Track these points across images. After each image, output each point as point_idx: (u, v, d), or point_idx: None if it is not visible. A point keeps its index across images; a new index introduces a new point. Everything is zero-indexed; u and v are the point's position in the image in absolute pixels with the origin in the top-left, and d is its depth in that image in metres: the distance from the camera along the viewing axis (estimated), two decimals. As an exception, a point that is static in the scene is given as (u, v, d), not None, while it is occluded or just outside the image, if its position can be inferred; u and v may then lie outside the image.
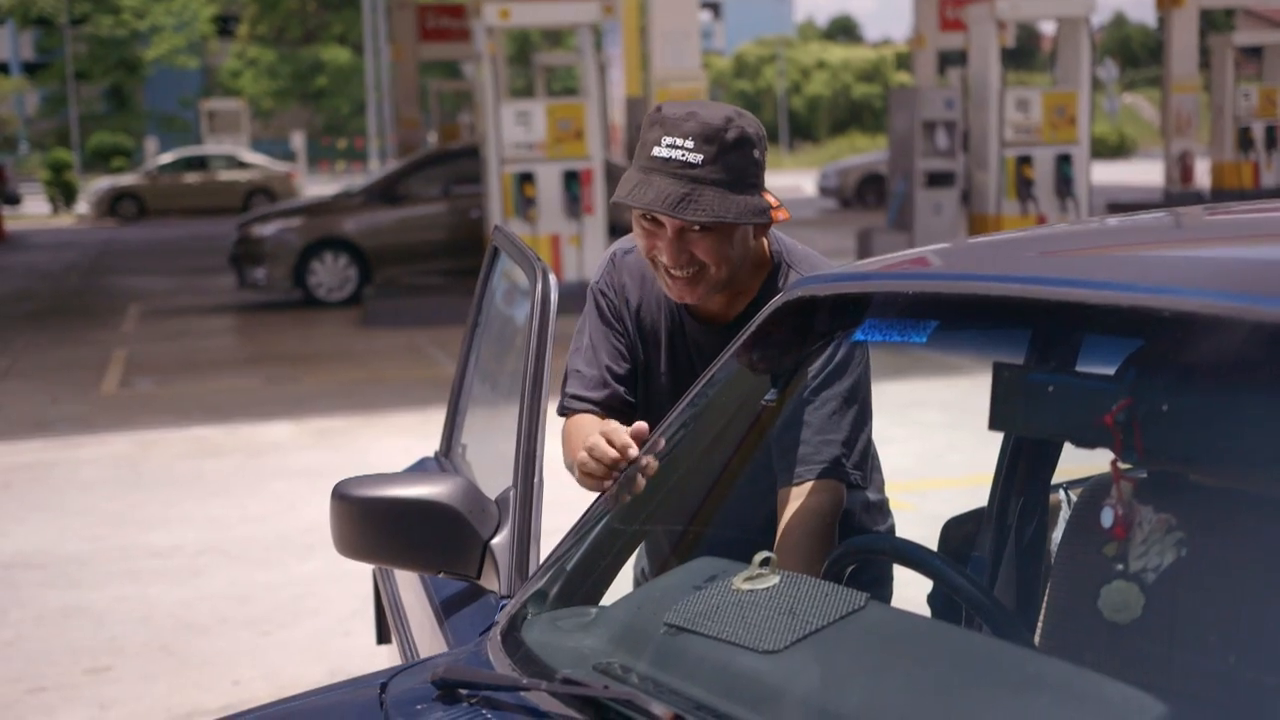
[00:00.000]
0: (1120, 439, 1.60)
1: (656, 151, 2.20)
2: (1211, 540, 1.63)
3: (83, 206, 31.20)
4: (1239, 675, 1.53)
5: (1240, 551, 1.60)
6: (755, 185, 2.23)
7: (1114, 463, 1.62)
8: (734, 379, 2.15)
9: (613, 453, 2.06)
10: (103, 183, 31.35)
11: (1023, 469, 2.29)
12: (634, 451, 2.05)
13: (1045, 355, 1.95)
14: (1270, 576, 1.57)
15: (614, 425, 2.14)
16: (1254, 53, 21.71)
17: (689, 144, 2.18)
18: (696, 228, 2.22)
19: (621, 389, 2.43)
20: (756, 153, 2.23)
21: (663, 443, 2.08)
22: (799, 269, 2.38)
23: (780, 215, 2.28)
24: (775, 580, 1.75)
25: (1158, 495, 1.68)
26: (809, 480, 2.20)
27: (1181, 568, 1.60)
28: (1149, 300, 1.61)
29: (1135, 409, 1.60)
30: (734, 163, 2.19)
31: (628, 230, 2.50)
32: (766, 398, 2.21)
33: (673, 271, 2.27)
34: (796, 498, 2.19)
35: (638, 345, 2.46)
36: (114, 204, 29.37)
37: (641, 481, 2.05)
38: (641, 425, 2.08)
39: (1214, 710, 1.45)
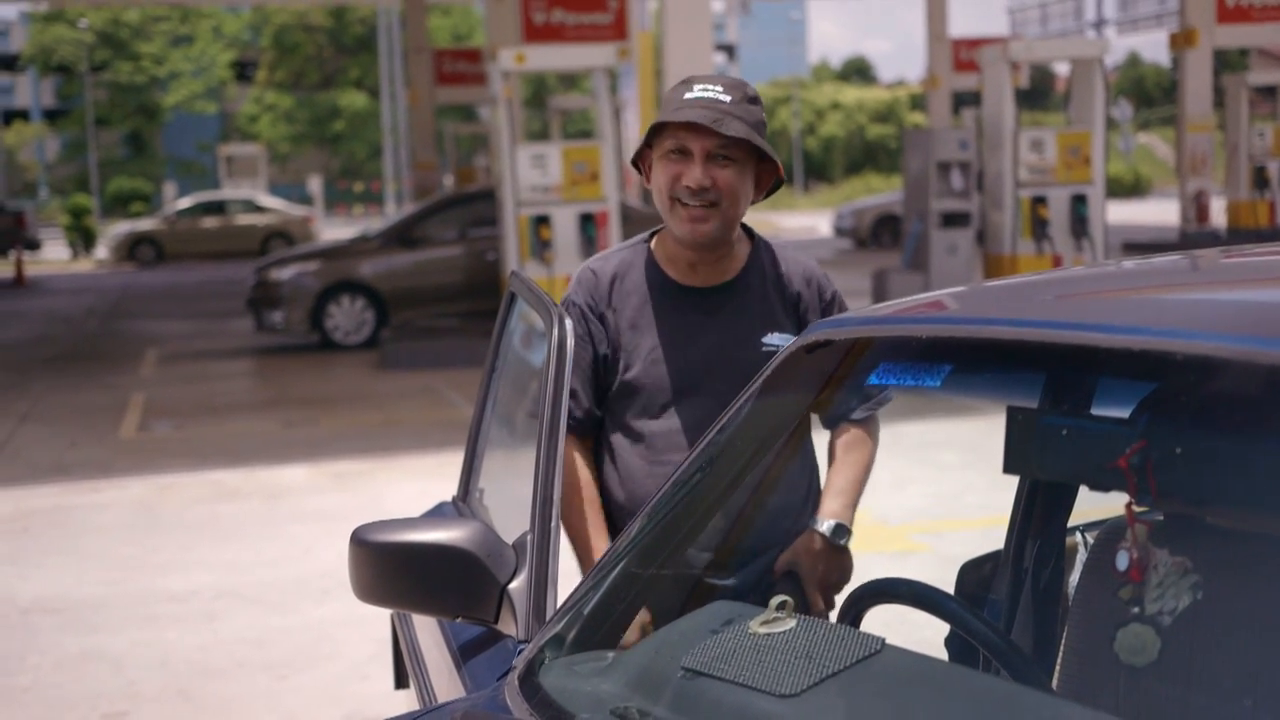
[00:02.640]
0: (1134, 482, 1.60)
1: (688, 95, 2.49)
2: (1227, 583, 1.63)
3: (102, 251, 31.41)
4: (1256, 719, 1.52)
5: (1256, 594, 1.60)
6: (764, 141, 2.52)
7: (1129, 505, 1.63)
8: (749, 420, 2.15)
9: None
10: (121, 227, 31.59)
11: (1039, 512, 2.29)
12: None
13: (1060, 399, 1.96)
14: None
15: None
16: (1268, 92, 21.75)
17: (718, 88, 2.50)
18: (722, 159, 2.47)
19: (580, 412, 2.66)
20: (764, 119, 2.55)
21: (681, 482, 2.10)
22: (773, 251, 2.70)
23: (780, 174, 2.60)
24: (792, 624, 1.75)
25: (1173, 538, 1.68)
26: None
27: (1197, 611, 1.60)
28: (1162, 344, 1.62)
29: (1149, 452, 1.61)
30: (754, 112, 2.51)
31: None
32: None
33: (692, 202, 2.49)
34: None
35: (622, 335, 2.64)
36: (133, 248, 29.58)
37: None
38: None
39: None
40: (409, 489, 7.56)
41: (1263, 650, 1.57)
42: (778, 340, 2.58)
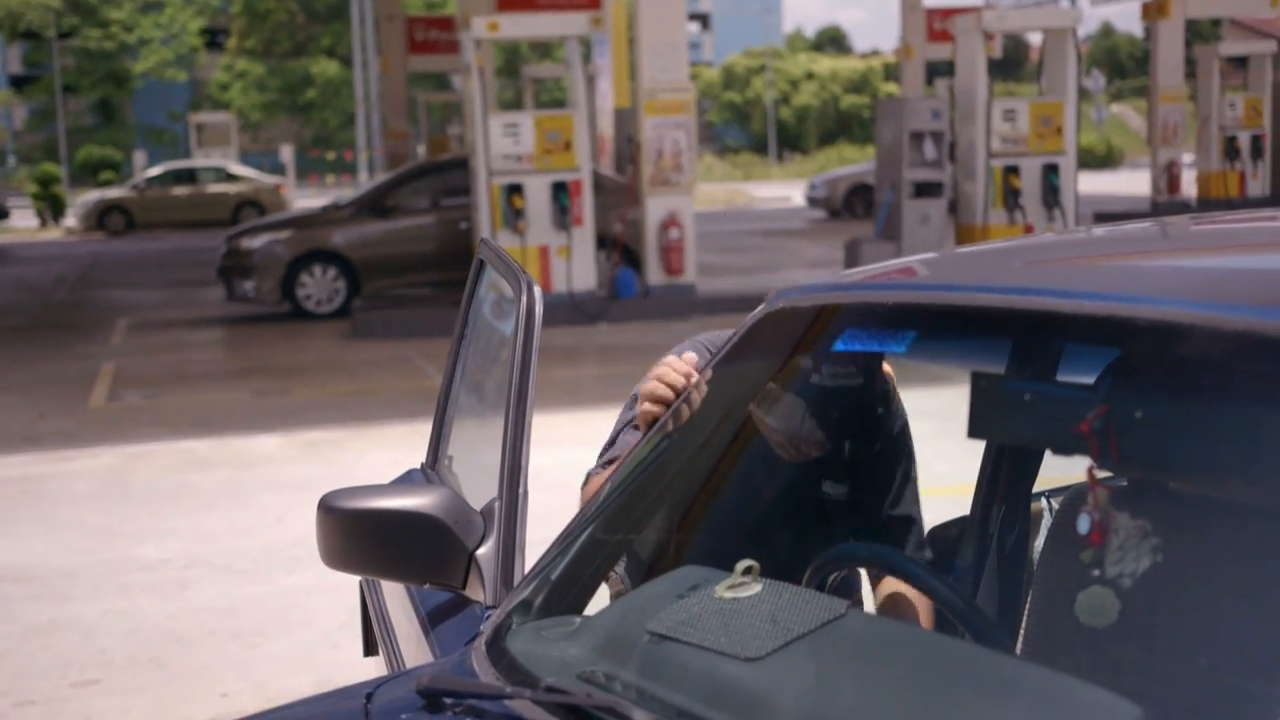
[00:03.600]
0: (1096, 446, 1.61)
1: None
2: (1187, 546, 1.64)
3: (71, 220, 31.15)
4: (1213, 678, 1.54)
5: (1215, 557, 1.62)
6: None
7: (1090, 470, 1.64)
8: (715, 389, 2.16)
9: (679, 379, 2.25)
10: (91, 196, 31.31)
11: (1004, 477, 2.31)
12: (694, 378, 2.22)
13: (1026, 365, 1.97)
14: (1243, 581, 1.59)
15: (671, 361, 2.33)
16: (1240, 63, 21.83)
17: None
18: None
19: None
20: None
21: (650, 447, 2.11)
22: None
23: None
24: (757, 589, 1.76)
25: (1134, 502, 1.70)
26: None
27: (1157, 573, 1.62)
28: (1124, 310, 1.63)
29: (1111, 417, 1.62)
30: None
31: (617, 243, 2.61)
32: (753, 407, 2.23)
33: None
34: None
35: None
36: (102, 217, 29.34)
37: (686, 410, 2.18)
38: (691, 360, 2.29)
39: (1187, 713, 1.47)
40: (381, 457, 7.55)
41: (1220, 611, 1.59)
42: None
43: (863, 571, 2.31)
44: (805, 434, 2.16)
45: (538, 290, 2.40)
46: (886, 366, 2.39)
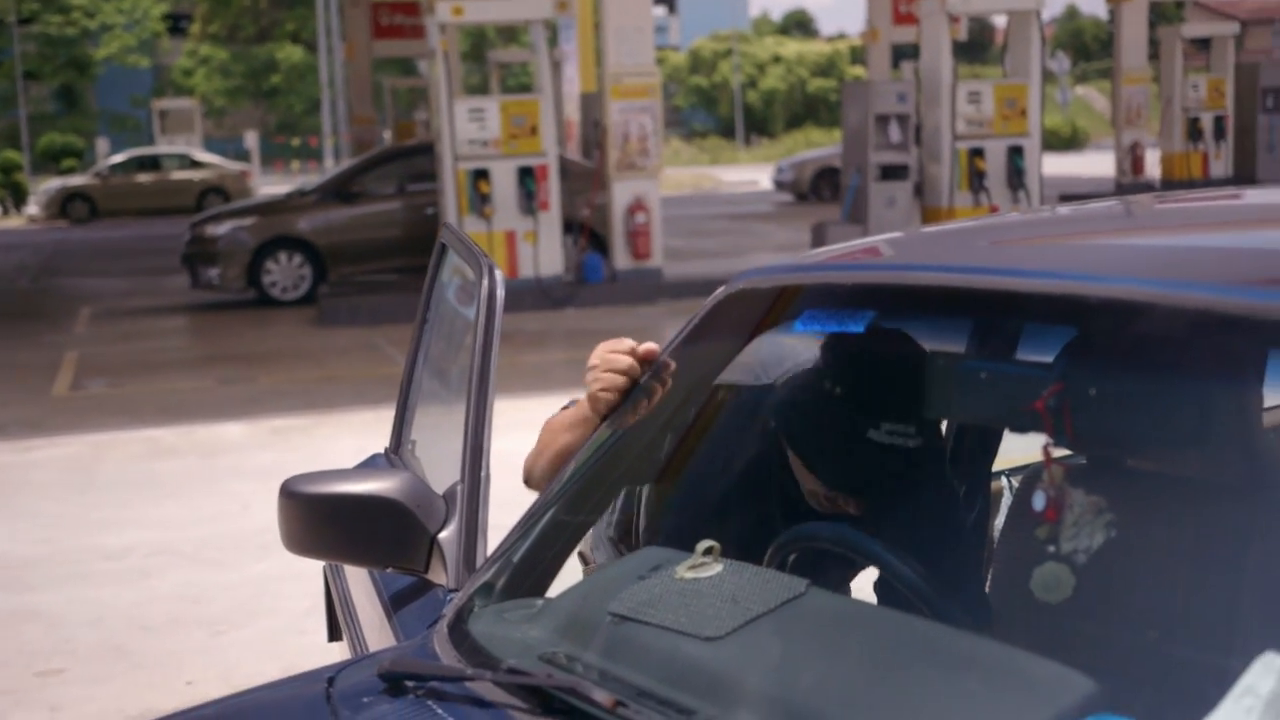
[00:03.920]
0: (1051, 424, 1.63)
1: None
2: (1141, 522, 1.66)
3: (33, 208, 30.85)
4: (1165, 652, 1.56)
5: (1168, 532, 1.64)
6: None
7: (1045, 447, 1.65)
8: (676, 370, 2.16)
9: (626, 359, 2.09)
10: (53, 183, 31.03)
11: (965, 455, 2.32)
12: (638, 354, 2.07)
13: (986, 344, 1.98)
14: (1196, 556, 1.61)
15: (612, 343, 2.15)
16: (1202, 44, 21.95)
17: None
18: None
19: None
20: None
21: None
22: None
23: None
24: (718, 569, 1.77)
25: (1089, 479, 1.71)
26: None
27: (1111, 549, 1.63)
28: (1079, 288, 1.65)
29: (1066, 394, 1.64)
30: None
31: (584, 227, 2.54)
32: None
33: None
34: None
35: None
36: (65, 205, 29.08)
37: (658, 389, 2.07)
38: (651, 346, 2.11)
39: (1140, 685, 1.48)
40: (348, 444, 7.53)
41: (1173, 586, 1.60)
42: None
43: None
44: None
45: (499, 273, 2.40)
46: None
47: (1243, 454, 1.69)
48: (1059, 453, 1.76)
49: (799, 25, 71.82)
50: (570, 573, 2.23)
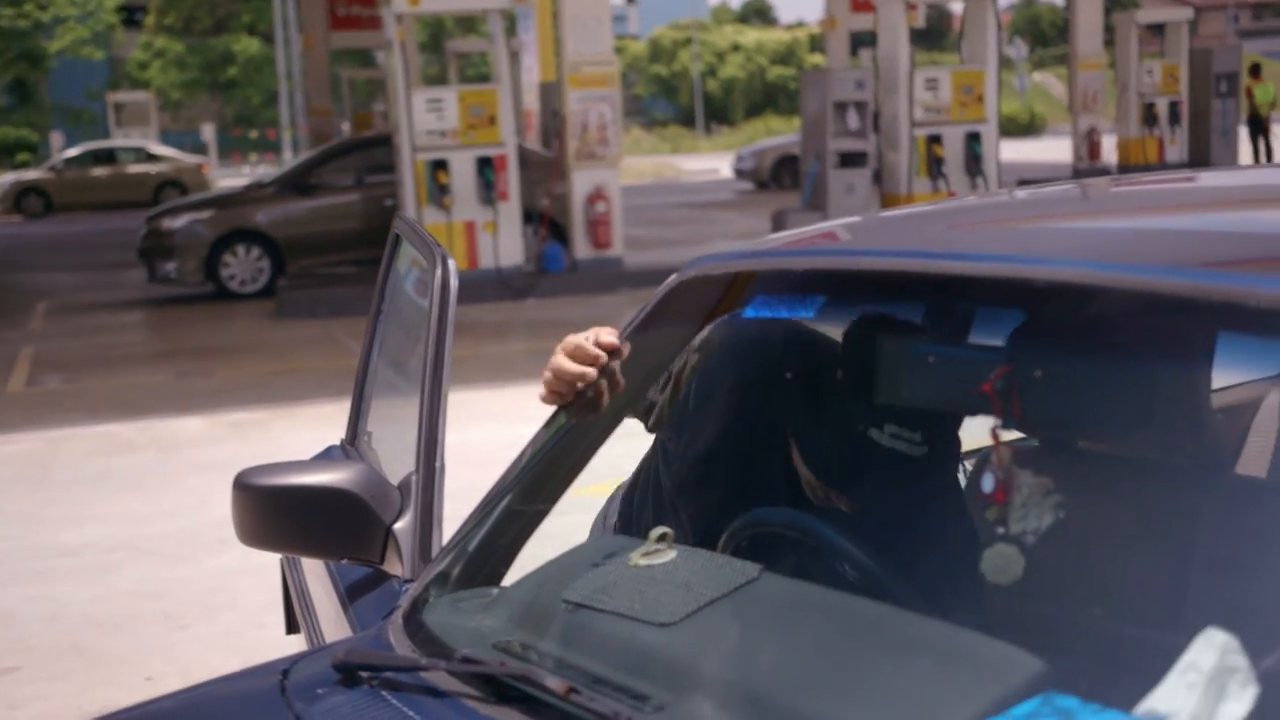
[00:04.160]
0: (999, 406, 1.64)
1: None
2: (1089, 502, 1.67)
3: (-14, 203, 30.52)
4: (1112, 630, 1.57)
5: (1116, 513, 1.65)
6: None
7: (994, 430, 1.66)
8: (631, 356, 2.16)
9: (578, 368, 2.01)
10: (6, 178, 30.69)
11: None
12: (603, 360, 2.01)
13: (939, 328, 1.99)
14: (1143, 536, 1.63)
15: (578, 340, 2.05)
16: (1157, 30, 22.09)
17: None
18: None
19: None
20: None
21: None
22: None
23: None
24: (671, 555, 1.77)
25: (1037, 460, 1.73)
26: None
27: (1060, 530, 1.65)
28: (1025, 271, 1.65)
29: (1014, 377, 1.65)
30: None
31: (544, 217, 2.48)
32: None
33: None
34: None
35: None
36: (19, 200, 28.78)
37: (607, 390, 2.01)
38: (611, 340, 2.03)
39: (1088, 664, 1.49)
40: (307, 436, 7.48)
41: (1120, 565, 1.62)
42: None
43: None
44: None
45: (452, 263, 2.39)
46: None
47: (1191, 435, 1.71)
48: (1009, 435, 1.77)
49: (758, 14, 71.91)
50: (526, 561, 2.23)
